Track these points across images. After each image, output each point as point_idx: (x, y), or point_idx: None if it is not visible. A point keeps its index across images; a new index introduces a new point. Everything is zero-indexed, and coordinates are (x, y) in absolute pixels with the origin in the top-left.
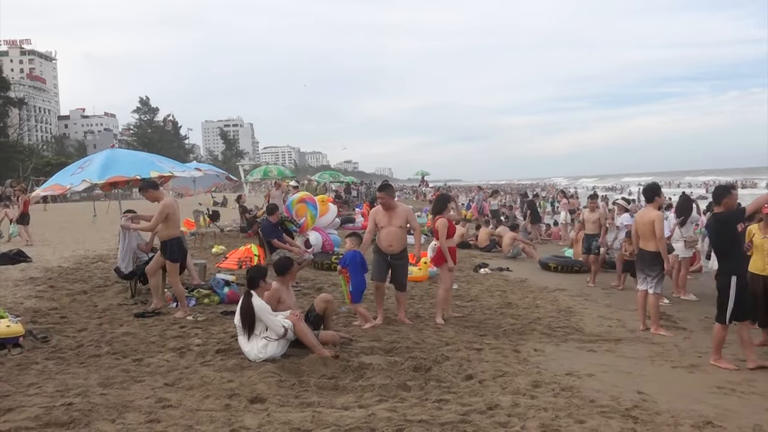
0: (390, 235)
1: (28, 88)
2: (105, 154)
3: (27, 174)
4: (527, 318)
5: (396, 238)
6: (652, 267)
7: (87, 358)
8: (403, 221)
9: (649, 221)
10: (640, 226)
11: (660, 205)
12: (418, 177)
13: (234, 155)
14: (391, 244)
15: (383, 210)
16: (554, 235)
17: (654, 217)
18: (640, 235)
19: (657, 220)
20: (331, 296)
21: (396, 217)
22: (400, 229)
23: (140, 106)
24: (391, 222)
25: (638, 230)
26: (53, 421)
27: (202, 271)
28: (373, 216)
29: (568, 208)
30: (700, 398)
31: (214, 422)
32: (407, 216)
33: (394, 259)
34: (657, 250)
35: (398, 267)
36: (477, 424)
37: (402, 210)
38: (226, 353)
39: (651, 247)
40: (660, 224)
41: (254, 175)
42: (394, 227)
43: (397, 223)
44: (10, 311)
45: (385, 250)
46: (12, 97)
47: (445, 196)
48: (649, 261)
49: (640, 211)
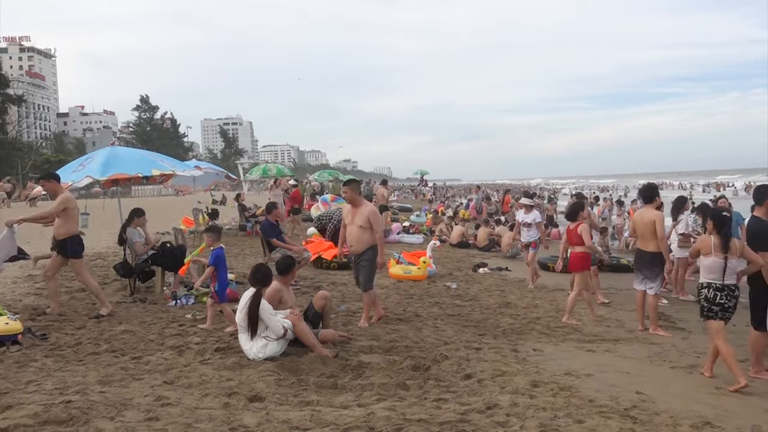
0: (351, 234)
1: (28, 85)
2: (106, 151)
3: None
4: (526, 318)
5: (355, 238)
6: (651, 268)
7: (86, 356)
8: (365, 221)
9: (649, 221)
10: (639, 226)
11: (659, 205)
12: (418, 176)
13: (233, 153)
14: (351, 244)
15: (349, 207)
16: (553, 235)
17: (654, 217)
18: (640, 235)
19: (657, 219)
20: (328, 293)
21: (358, 215)
22: (360, 229)
23: (140, 104)
24: (353, 221)
25: (637, 230)
26: (52, 419)
27: (200, 270)
28: (343, 213)
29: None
30: (699, 399)
31: (213, 420)
32: (369, 216)
33: (357, 258)
34: (656, 250)
35: (360, 267)
36: (476, 423)
37: (365, 209)
38: (225, 352)
39: (650, 247)
40: (660, 224)
41: (253, 173)
42: (355, 226)
43: (358, 222)
44: (9, 308)
45: (349, 250)
46: (11, 94)
47: (579, 204)
48: (648, 262)
49: (639, 212)
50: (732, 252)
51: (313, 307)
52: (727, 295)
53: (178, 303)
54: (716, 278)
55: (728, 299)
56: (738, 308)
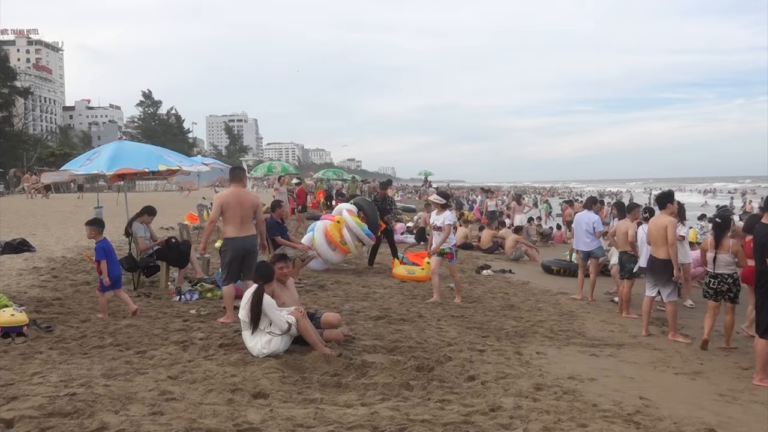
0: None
1: (34, 77)
2: (113, 146)
3: (31, 164)
4: (529, 320)
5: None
6: (662, 275)
7: (90, 349)
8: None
9: (662, 227)
10: (652, 233)
11: (672, 212)
12: (422, 177)
13: (238, 150)
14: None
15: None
16: (557, 238)
17: (667, 223)
18: (652, 241)
19: (669, 226)
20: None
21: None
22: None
23: (143, 99)
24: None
25: (651, 237)
26: (57, 411)
27: (205, 265)
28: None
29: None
30: (703, 405)
31: (218, 416)
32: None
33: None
34: (667, 257)
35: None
36: (479, 425)
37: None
38: (229, 348)
39: (662, 254)
40: (672, 230)
41: (258, 171)
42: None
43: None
44: (14, 300)
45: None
46: (18, 86)
47: (754, 217)
48: (660, 269)
49: (652, 218)
50: (723, 249)
51: (321, 323)
52: (719, 282)
53: (182, 298)
54: (710, 268)
55: (719, 285)
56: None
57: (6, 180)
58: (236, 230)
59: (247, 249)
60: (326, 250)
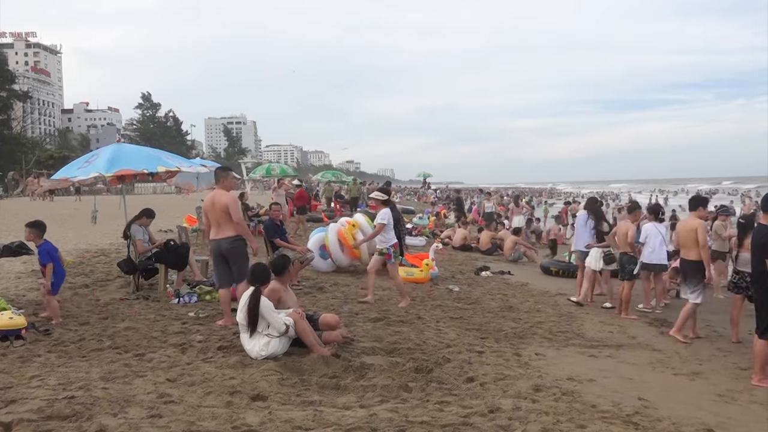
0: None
1: (33, 80)
2: (111, 148)
3: (29, 167)
4: (528, 322)
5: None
6: (693, 276)
7: (89, 352)
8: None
9: (692, 229)
10: (682, 235)
11: (702, 216)
12: (420, 178)
13: (236, 152)
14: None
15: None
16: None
17: (697, 226)
18: (681, 243)
19: (699, 228)
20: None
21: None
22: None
23: (142, 101)
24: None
25: (680, 239)
26: (56, 414)
27: (204, 268)
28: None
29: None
30: (701, 406)
31: (216, 419)
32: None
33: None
34: (698, 258)
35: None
36: (478, 426)
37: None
38: (227, 350)
39: (692, 255)
40: (703, 232)
41: (257, 173)
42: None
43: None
44: (13, 303)
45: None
46: (16, 89)
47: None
48: (689, 270)
49: (681, 221)
50: (745, 248)
51: (320, 325)
52: (740, 278)
53: (181, 301)
54: (735, 265)
55: (739, 281)
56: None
57: (5, 183)
58: (213, 233)
59: (221, 251)
60: (336, 251)
